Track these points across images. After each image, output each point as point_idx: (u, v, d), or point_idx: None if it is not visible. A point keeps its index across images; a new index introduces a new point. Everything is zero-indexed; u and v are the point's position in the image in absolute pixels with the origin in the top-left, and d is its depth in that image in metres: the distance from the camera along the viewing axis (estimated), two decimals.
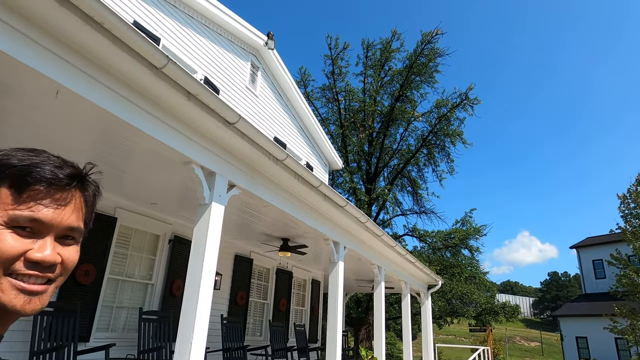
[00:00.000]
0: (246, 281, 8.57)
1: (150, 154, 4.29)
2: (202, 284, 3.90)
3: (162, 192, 5.82)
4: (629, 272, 11.19)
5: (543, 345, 56.10)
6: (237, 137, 4.25)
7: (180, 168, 4.29)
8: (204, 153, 4.19)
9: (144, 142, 3.97)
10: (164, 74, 3.27)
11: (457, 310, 19.35)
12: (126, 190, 5.77)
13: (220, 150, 4.40)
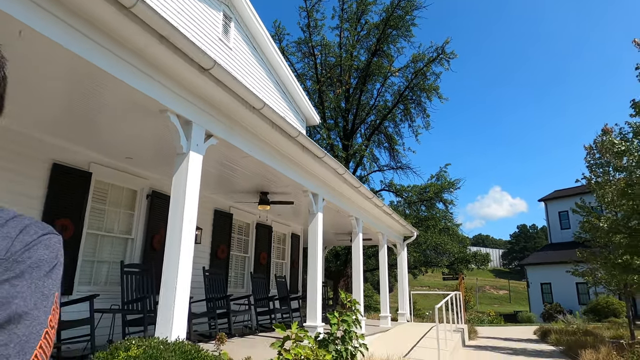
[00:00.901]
0: (226, 235, 8.68)
1: (124, 102, 4.18)
2: (183, 232, 3.95)
3: (137, 145, 5.72)
4: (591, 219, 11.83)
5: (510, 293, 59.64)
6: (212, 85, 4.18)
7: (156, 117, 4.21)
8: (179, 101, 4.11)
9: (116, 89, 3.86)
10: (133, 15, 3.14)
11: (431, 260, 20.22)
12: (100, 144, 5.64)
13: (196, 99, 4.32)
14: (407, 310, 13.04)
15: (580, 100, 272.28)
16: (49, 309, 0.61)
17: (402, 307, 12.80)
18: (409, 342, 8.82)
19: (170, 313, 3.67)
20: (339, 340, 5.32)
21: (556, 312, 23.32)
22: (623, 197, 9.35)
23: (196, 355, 2.24)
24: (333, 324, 5.15)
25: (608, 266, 10.09)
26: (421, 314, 20.03)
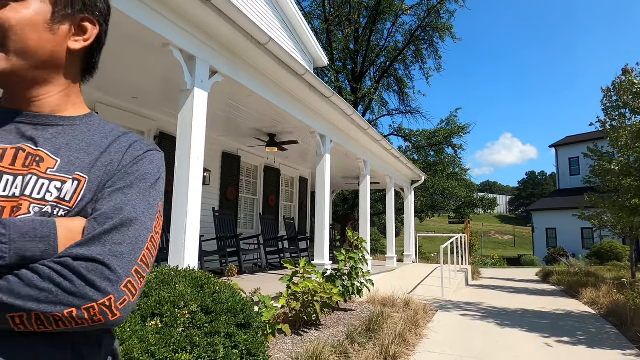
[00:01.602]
0: (235, 178, 8.74)
1: (126, 36, 4.03)
2: (191, 168, 3.96)
3: (142, 84, 5.61)
4: (602, 163, 11.68)
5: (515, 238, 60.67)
6: (215, 16, 4.00)
7: (159, 53, 4.08)
8: (182, 35, 3.96)
9: (116, 21, 3.71)
10: None
11: (438, 204, 20.39)
12: (104, 82, 5.54)
13: (199, 33, 4.16)
14: (413, 252, 13.36)
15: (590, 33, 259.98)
16: (153, 217, 0.71)
17: (408, 249, 13.10)
18: (413, 281, 9.11)
19: (182, 246, 3.77)
20: (346, 276, 5.49)
21: (560, 255, 23.75)
22: (637, 139, 9.15)
23: (206, 281, 2.31)
24: (340, 260, 5.29)
25: (616, 209, 10.09)
26: (426, 256, 20.53)
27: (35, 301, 0.58)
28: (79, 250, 0.62)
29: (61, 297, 0.58)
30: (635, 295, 7.24)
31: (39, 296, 0.58)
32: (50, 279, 0.59)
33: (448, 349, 4.37)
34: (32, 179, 0.67)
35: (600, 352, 4.42)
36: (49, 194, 0.67)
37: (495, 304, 7.54)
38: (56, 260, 0.60)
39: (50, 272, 0.59)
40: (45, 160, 0.69)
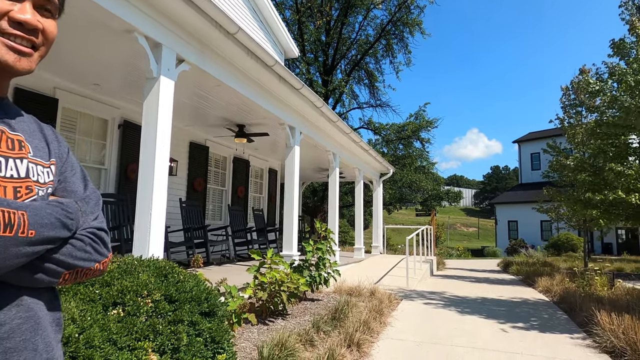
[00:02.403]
0: (203, 168, 8.64)
1: (87, 20, 3.90)
2: (157, 157, 3.90)
3: (104, 70, 5.44)
4: (560, 158, 12.25)
5: (479, 230, 62.68)
6: (183, 4, 3.92)
7: (122, 39, 3.98)
8: (148, 21, 3.87)
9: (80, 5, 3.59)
10: None
11: (406, 197, 20.80)
12: (64, 68, 5.34)
13: (166, 20, 4.08)
14: (381, 243, 13.62)
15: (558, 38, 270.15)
16: None
17: (375, 240, 13.34)
18: (380, 271, 9.31)
19: (146, 237, 3.73)
20: (313, 266, 5.57)
21: (520, 247, 24.77)
22: (592, 137, 9.64)
23: (170, 271, 2.31)
24: (308, 251, 5.36)
25: (571, 202, 10.62)
26: (394, 248, 20.96)
27: (82, 260, 0.78)
28: (96, 224, 0.85)
29: (95, 256, 0.81)
30: (585, 284, 7.70)
31: (84, 256, 0.79)
32: (90, 245, 0.81)
33: (410, 335, 4.53)
34: (28, 163, 0.78)
35: (550, 336, 4.69)
36: (40, 177, 0.80)
37: (458, 293, 7.83)
38: (89, 230, 0.82)
39: (89, 240, 0.81)
40: (25, 145, 0.80)
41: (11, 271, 0.69)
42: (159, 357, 1.88)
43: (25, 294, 0.74)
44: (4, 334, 0.69)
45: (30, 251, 0.69)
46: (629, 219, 9.47)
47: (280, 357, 3.11)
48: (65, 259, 0.76)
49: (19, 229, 0.67)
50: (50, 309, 0.79)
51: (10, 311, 0.71)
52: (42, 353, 0.75)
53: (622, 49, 9.16)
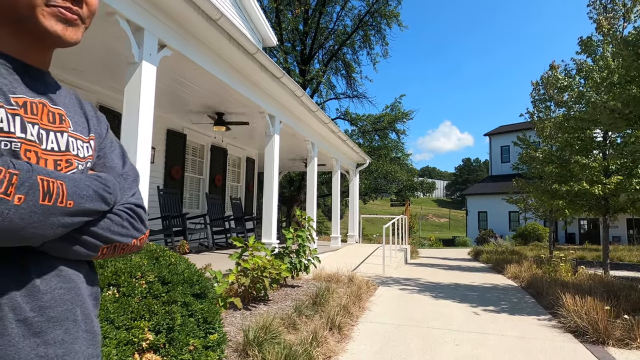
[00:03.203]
0: (180, 156, 8.54)
1: None
2: (138, 148, 3.86)
3: (82, 54, 5.30)
4: (529, 151, 12.72)
5: (450, 221, 64.32)
6: None
7: (103, 21, 3.89)
8: (129, 4, 3.81)
9: None
10: None
11: (381, 187, 21.12)
12: None
13: (148, 4, 4.01)
14: (357, 232, 13.83)
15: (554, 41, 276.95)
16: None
17: (352, 229, 13.54)
18: (357, 259, 9.49)
19: None
20: (294, 253, 5.65)
21: (489, 236, 25.62)
22: (560, 130, 10.06)
23: (162, 254, 2.34)
24: (288, 238, 5.43)
25: (539, 193, 11.07)
26: (369, 237, 21.30)
27: (120, 235, 0.79)
28: (134, 200, 0.85)
29: (132, 232, 0.81)
30: (550, 270, 8.09)
31: (121, 231, 0.79)
32: (128, 220, 0.81)
33: (388, 319, 4.69)
34: (68, 137, 0.80)
35: (519, 318, 4.96)
36: (80, 151, 0.82)
37: (432, 280, 8.10)
38: (127, 206, 0.82)
39: (127, 215, 0.81)
40: (65, 119, 0.81)
41: (50, 242, 0.69)
42: (154, 335, 1.92)
43: (65, 265, 0.75)
44: (46, 303, 0.70)
45: (69, 222, 0.69)
46: (591, 210, 9.97)
47: (265, 339, 3.18)
48: (103, 233, 0.76)
49: (58, 199, 0.67)
50: (88, 282, 0.81)
51: (51, 281, 0.71)
52: (82, 324, 0.76)
53: (589, 46, 9.56)
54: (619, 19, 9.58)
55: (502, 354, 3.55)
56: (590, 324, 4.16)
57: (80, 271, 0.78)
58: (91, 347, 0.78)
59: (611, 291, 5.45)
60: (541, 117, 12.46)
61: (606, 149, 9.85)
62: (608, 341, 3.94)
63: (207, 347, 2.14)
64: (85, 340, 0.77)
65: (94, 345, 0.80)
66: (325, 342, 3.49)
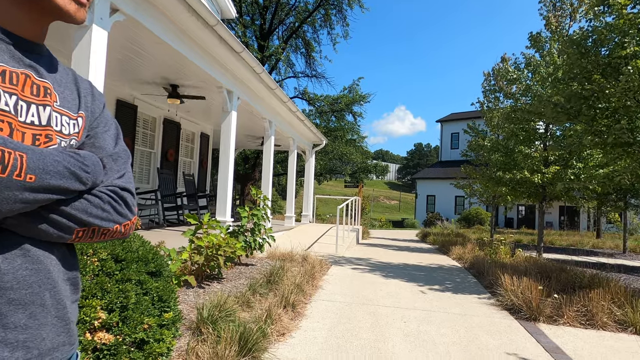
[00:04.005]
0: (130, 128, 8.15)
1: None
2: None
3: None
4: (478, 139, 13.31)
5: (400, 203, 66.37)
6: None
7: None
8: None
9: None
10: None
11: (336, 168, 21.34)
12: None
13: None
14: (311, 212, 13.96)
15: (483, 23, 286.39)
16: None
17: (306, 209, 13.64)
18: (311, 239, 9.62)
19: None
20: (249, 232, 5.63)
21: (436, 219, 26.81)
22: (507, 121, 10.58)
23: None
24: (243, 216, 5.39)
25: (485, 179, 11.67)
26: (322, 217, 21.58)
27: (99, 219, 0.74)
28: (120, 182, 0.80)
29: (114, 217, 0.76)
30: (491, 252, 8.62)
31: (101, 215, 0.74)
32: (109, 203, 0.76)
33: (340, 297, 4.83)
34: (51, 111, 0.75)
35: (461, 296, 5.27)
36: (64, 127, 0.77)
37: (382, 260, 8.38)
38: (110, 188, 0.77)
39: (109, 198, 0.76)
40: (52, 93, 0.76)
41: (12, 218, 0.65)
42: (107, 314, 1.87)
43: (35, 245, 0.70)
44: (6, 284, 0.65)
45: (30, 198, 0.64)
46: (530, 197, 10.67)
47: (220, 317, 3.18)
48: (78, 214, 0.71)
49: (15, 171, 0.61)
50: (65, 266, 0.76)
51: (14, 261, 0.67)
52: (51, 310, 0.71)
53: (538, 42, 10.04)
54: (566, 17, 10.12)
55: (445, 330, 3.78)
56: (525, 302, 4.51)
57: (53, 253, 0.73)
58: (62, 335, 0.74)
59: (544, 272, 5.92)
60: (490, 107, 13.04)
61: (547, 141, 10.50)
62: (539, 318, 4.30)
63: (162, 326, 2.12)
64: (54, 327, 0.72)
65: (67, 333, 0.75)
66: (279, 319, 3.55)
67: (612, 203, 14.04)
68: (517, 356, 3.21)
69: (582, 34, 6.27)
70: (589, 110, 6.03)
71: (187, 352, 2.58)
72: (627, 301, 4.38)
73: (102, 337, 1.83)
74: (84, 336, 1.77)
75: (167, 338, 2.10)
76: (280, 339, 3.31)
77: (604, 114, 5.90)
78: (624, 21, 5.41)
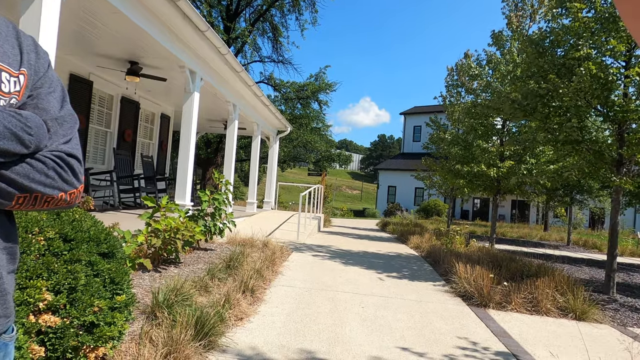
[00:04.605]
0: (85, 105, 7.74)
1: None
2: None
3: None
4: (439, 132, 13.65)
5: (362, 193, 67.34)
6: None
7: None
8: None
9: None
10: None
11: (300, 156, 21.28)
12: None
13: None
14: (273, 199, 13.88)
15: None
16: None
17: (268, 196, 13.55)
18: (272, 225, 9.57)
19: None
20: (209, 216, 5.52)
21: (396, 209, 27.40)
22: (467, 116, 10.89)
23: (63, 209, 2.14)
24: (204, 200, 5.28)
25: (444, 172, 12.00)
26: (284, 205, 21.53)
27: (42, 185, 0.69)
28: (66, 148, 0.75)
29: (59, 184, 0.71)
30: (447, 242, 8.92)
31: (44, 181, 0.70)
32: (54, 169, 0.71)
33: (300, 283, 4.84)
34: None
35: (418, 283, 5.43)
36: (4, 85, 0.71)
37: (342, 247, 8.48)
38: (55, 153, 0.73)
39: (54, 164, 0.71)
40: None
41: None
42: (53, 296, 1.77)
43: None
44: None
45: None
46: (486, 190, 11.08)
47: (176, 301, 3.11)
48: (18, 179, 0.66)
49: None
50: (1, 235, 0.71)
51: None
52: None
53: (499, 40, 10.35)
54: (526, 17, 10.48)
55: (401, 315, 3.88)
56: (477, 289, 4.70)
57: None
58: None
59: (495, 262, 6.20)
60: (452, 101, 13.37)
61: (503, 136, 10.91)
62: (490, 304, 4.50)
63: (114, 309, 2.03)
64: None
65: (2, 305, 0.72)
66: (237, 304, 3.51)
67: (560, 198, 14.85)
68: (467, 340, 3.34)
69: (540, 35, 6.51)
70: (543, 108, 6.30)
71: (140, 336, 2.50)
72: (569, 289, 4.66)
73: (48, 320, 1.74)
74: (27, 319, 1.67)
75: (119, 321, 2.02)
76: (238, 323, 3.28)
77: (557, 112, 6.19)
78: (579, 24, 5.67)
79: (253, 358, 2.65)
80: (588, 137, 5.89)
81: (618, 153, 5.63)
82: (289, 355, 2.73)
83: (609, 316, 4.55)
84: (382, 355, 2.86)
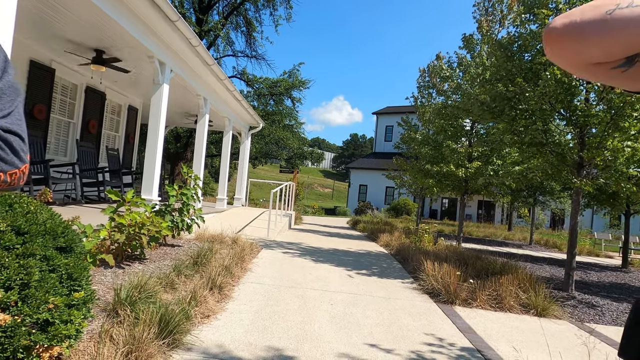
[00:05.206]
0: (46, 94, 7.38)
1: None
2: None
3: None
4: (410, 133, 13.84)
5: (334, 192, 67.63)
6: None
7: None
8: None
9: None
10: None
11: (272, 153, 21.11)
12: None
13: None
14: (244, 196, 13.72)
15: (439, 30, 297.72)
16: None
17: (239, 192, 13.38)
18: (242, 222, 9.45)
19: None
20: (177, 212, 5.38)
21: (367, 208, 27.64)
22: (437, 116, 11.09)
23: (17, 200, 2.01)
24: (172, 195, 5.14)
25: (414, 171, 12.19)
26: (255, 201, 21.33)
27: None
28: (4, 123, 0.66)
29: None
30: (416, 240, 9.05)
31: None
32: None
33: (269, 280, 4.79)
34: None
35: (387, 280, 5.48)
36: None
37: (313, 245, 8.47)
38: None
39: None
40: None
41: None
42: (4, 292, 1.66)
43: None
44: None
45: None
46: (454, 189, 11.33)
47: (139, 298, 3.00)
48: None
49: None
50: None
51: None
52: None
53: (470, 43, 10.59)
54: (496, 22, 10.76)
55: (370, 312, 3.89)
56: (444, 286, 4.79)
57: None
58: None
59: (462, 260, 6.33)
60: (423, 102, 13.58)
61: (472, 138, 11.18)
62: (456, 301, 4.58)
63: (71, 306, 1.93)
64: None
65: None
66: (204, 301, 3.43)
67: (524, 199, 15.37)
68: (434, 336, 3.39)
69: (509, 39, 6.69)
70: (510, 111, 6.47)
71: (100, 334, 2.40)
72: (531, 287, 4.81)
73: None
74: None
75: (77, 319, 1.92)
76: (204, 321, 3.20)
77: (524, 115, 6.37)
78: None
79: (219, 356, 2.59)
80: (552, 139, 6.10)
81: (579, 156, 5.85)
82: (257, 353, 2.68)
83: (568, 312, 4.73)
84: (351, 351, 2.86)
